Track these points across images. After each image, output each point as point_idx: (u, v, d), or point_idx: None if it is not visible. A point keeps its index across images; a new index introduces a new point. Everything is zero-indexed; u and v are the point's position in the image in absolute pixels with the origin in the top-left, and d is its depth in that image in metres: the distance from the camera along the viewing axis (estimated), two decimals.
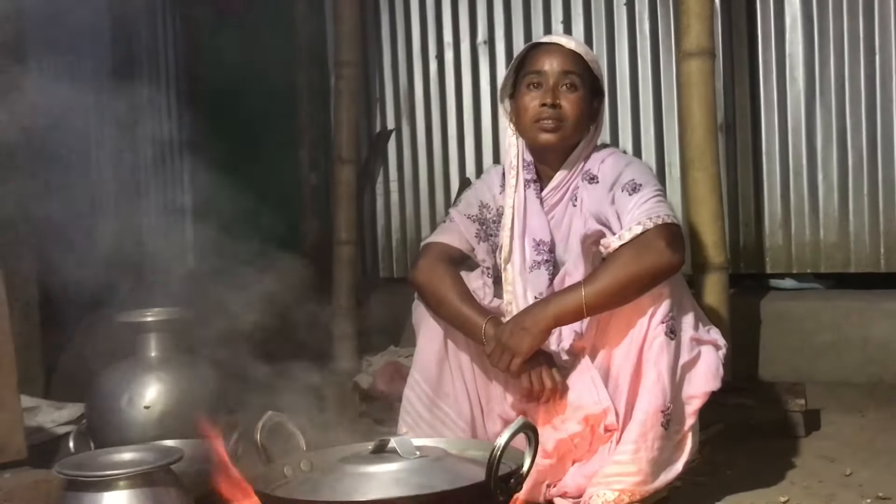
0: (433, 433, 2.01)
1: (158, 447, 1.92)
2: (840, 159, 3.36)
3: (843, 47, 3.33)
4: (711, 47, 2.87)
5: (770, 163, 3.46)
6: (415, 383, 2.07)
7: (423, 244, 2.13)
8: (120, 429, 2.28)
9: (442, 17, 4.13)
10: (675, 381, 1.83)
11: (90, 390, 2.41)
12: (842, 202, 3.36)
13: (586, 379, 1.87)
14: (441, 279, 2.01)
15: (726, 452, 2.37)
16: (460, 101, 4.10)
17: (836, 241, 3.37)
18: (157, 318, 2.41)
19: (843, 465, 2.24)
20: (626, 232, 1.82)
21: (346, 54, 3.92)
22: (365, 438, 2.36)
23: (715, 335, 1.97)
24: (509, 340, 1.86)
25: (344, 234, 3.92)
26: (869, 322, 3.16)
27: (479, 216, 2.12)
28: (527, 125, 2.00)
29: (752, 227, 3.49)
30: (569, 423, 1.87)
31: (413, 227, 4.23)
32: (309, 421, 1.94)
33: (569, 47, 1.99)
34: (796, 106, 3.42)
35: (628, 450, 1.80)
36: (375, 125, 4.32)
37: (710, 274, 2.86)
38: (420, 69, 4.20)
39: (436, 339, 2.04)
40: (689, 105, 2.86)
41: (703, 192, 2.85)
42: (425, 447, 1.55)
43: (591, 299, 1.80)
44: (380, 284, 4.26)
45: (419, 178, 4.21)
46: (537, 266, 2.01)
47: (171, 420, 2.27)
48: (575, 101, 1.98)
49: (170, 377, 2.33)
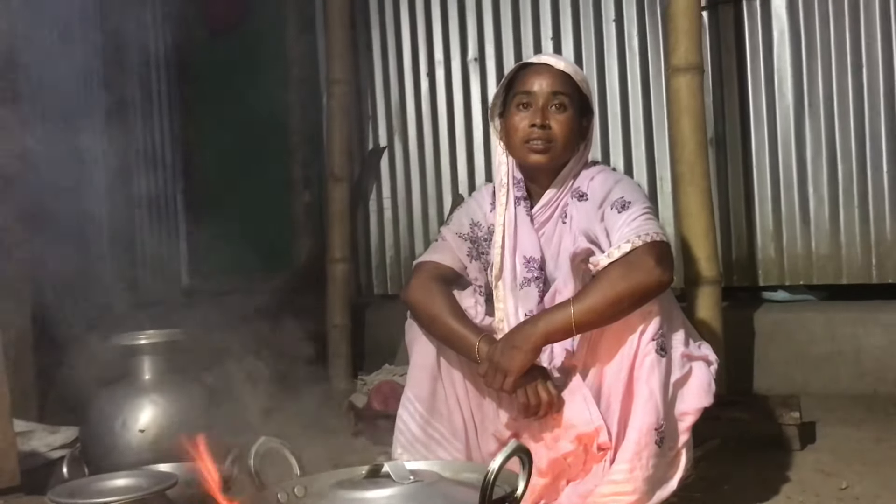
0: (428, 453, 2.01)
1: (152, 472, 1.93)
2: (830, 171, 3.38)
3: (830, 60, 3.36)
4: (700, 63, 2.90)
5: (761, 176, 3.48)
6: (409, 403, 2.07)
7: (416, 263, 2.14)
8: (114, 452, 2.27)
9: (433, 35, 4.16)
10: (667, 398, 1.84)
11: (84, 414, 2.40)
12: (832, 214, 3.37)
13: (578, 398, 1.87)
14: (433, 298, 2.02)
15: (721, 467, 2.37)
16: (452, 117, 4.12)
17: (827, 253, 3.38)
18: (151, 340, 2.40)
19: (839, 479, 2.24)
20: (616, 250, 1.82)
21: (338, 72, 3.94)
22: (360, 459, 2.36)
23: (706, 350, 1.97)
24: (501, 359, 1.86)
25: (337, 252, 3.93)
26: (862, 333, 3.17)
27: (470, 234, 2.13)
28: (517, 145, 2.02)
29: (743, 240, 3.51)
30: (562, 443, 1.87)
31: (407, 243, 4.24)
32: (303, 443, 1.93)
33: (558, 67, 2.01)
34: (785, 119, 3.44)
35: (623, 469, 1.80)
36: (368, 142, 4.34)
37: (703, 287, 2.87)
38: (412, 86, 4.23)
39: (429, 357, 2.04)
40: (679, 120, 2.88)
41: (695, 206, 2.87)
42: (419, 471, 1.54)
43: (581, 317, 1.81)
44: (374, 302, 4.26)
45: (412, 195, 4.23)
46: (527, 283, 2.01)
47: (166, 443, 2.25)
48: (564, 121, 1.99)
49: (164, 400, 2.33)
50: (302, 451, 1.73)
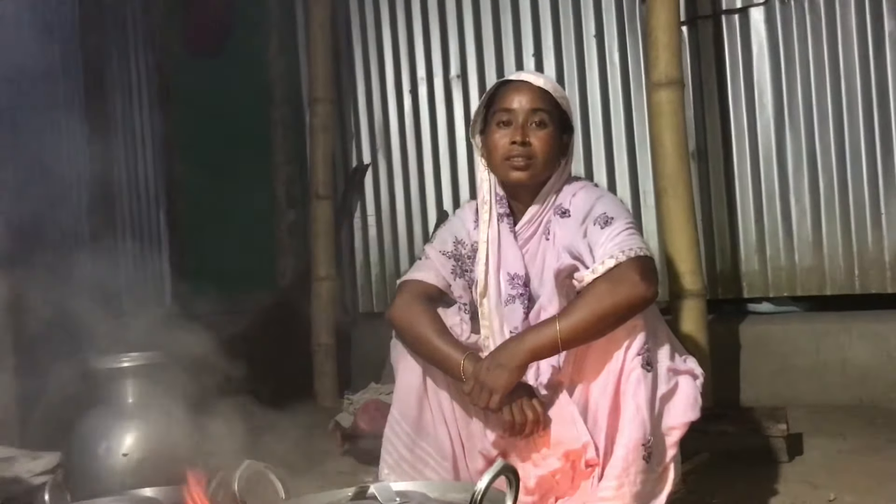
0: (415, 473, 1.99)
1: (136, 497, 1.90)
2: (811, 183, 3.40)
3: (809, 73, 3.39)
4: (680, 77, 2.92)
5: (743, 189, 3.50)
6: (395, 423, 2.06)
7: (400, 282, 2.13)
8: (98, 477, 2.24)
9: (415, 52, 4.17)
10: (654, 413, 1.83)
11: (67, 438, 2.37)
12: (815, 225, 3.39)
13: (565, 414, 1.86)
14: (418, 317, 2.01)
15: (709, 481, 2.36)
16: (435, 134, 4.13)
17: (810, 265, 3.40)
18: (133, 363, 2.37)
19: (826, 490, 2.24)
20: (600, 265, 1.82)
21: (320, 91, 3.95)
22: (347, 479, 2.34)
23: (692, 364, 1.97)
24: (486, 378, 1.85)
25: (322, 270, 3.92)
26: (846, 344, 3.18)
27: (454, 252, 2.12)
28: (497, 162, 2.02)
29: (727, 252, 3.52)
30: (549, 460, 1.86)
31: (392, 261, 4.23)
32: (289, 465, 1.92)
33: (537, 84, 2.01)
34: (766, 132, 3.47)
35: (611, 486, 1.79)
36: (351, 160, 4.33)
37: (687, 300, 2.88)
38: (394, 104, 4.23)
39: (415, 377, 2.03)
40: (661, 134, 2.90)
41: (678, 220, 2.88)
42: (406, 492, 1.53)
43: (566, 333, 1.80)
44: (359, 320, 4.24)
45: (396, 212, 4.22)
46: (512, 300, 2.01)
47: (150, 468, 2.23)
48: (544, 137, 1.99)
49: (147, 424, 2.30)
50: (287, 472, 1.71)
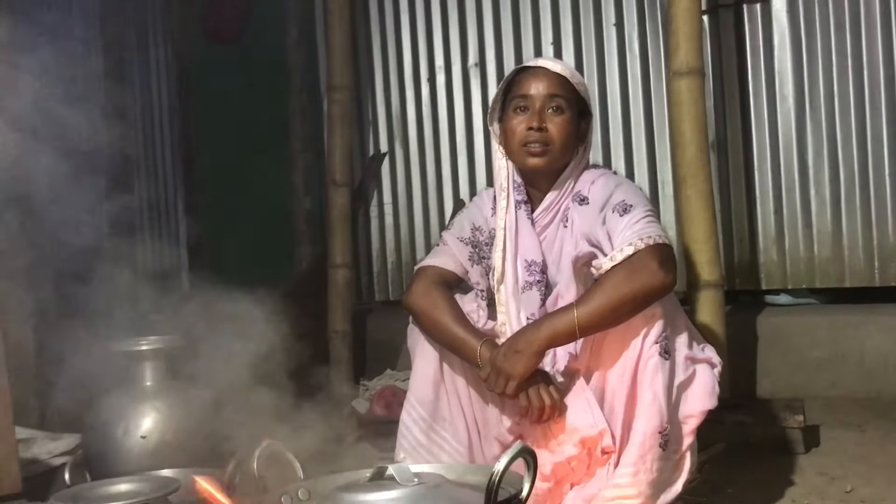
0: (431, 458, 2.00)
1: (155, 478, 1.92)
2: (832, 174, 3.38)
3: (831, 63, 3.36)
4: (701, 66, 2.90)
5: (762, 179, 3.48)
6: (411, 408, 2.06)
7: (417, 268, 2.13)
8: (116, 459, 2.26)
9: (433, 41, 4.16)
10: (671, 401, 1.83)
11: (86, 420, 2.40)
12: (835, 217, 3.37)
13: (581, 401, 1.86)
14: (435, 303, 2.01)
15: (725, 471, 2.36)
16: (453, 122, 4.12)
17: (830, 256, 3.38)
18: (152, 346, 2.40)
19: (843, 482, 2.23)
20: (618, 253, 1.82)
21: (339, 79, 3.94)
22: (363, 464, 2.35)
23: (710, 353, 1.96)
24: (503, 364, 1.85)
25: (339, 258, 3.92)
26: (865, 336, 3.16)
27: (471, 239, 2.12)
28: (514, 149, 2.01)
29: (746, 243, 3.50)
30: (565, 446, 1.87)
31: (408, 249, 4.23)
32: (306, 448, 1.93)
33: (555, 70, 2.00)
34: (787, 122, 3.44)
35: (627, 472, 1.79)
36: (369, 148, 4.33)
37: (705, 291, 2.87)
38: (412, 92, 4.22)
39: (431, 362, 2.04)
40: (680, 124, 2.88)
41: (697, 210, 2.86)
42: (423, 474, 1.54)
43: (584, 320, 1.80)
44: (375, 307, 4.25)
45: (413, 201, 4.22)
46: (529, 287, 2.01)
47: (168, 449, 2.25)
48: (561, 123, 1.99)
49: (166, 406, 2.33)
50: (304, 456, 1.72)
